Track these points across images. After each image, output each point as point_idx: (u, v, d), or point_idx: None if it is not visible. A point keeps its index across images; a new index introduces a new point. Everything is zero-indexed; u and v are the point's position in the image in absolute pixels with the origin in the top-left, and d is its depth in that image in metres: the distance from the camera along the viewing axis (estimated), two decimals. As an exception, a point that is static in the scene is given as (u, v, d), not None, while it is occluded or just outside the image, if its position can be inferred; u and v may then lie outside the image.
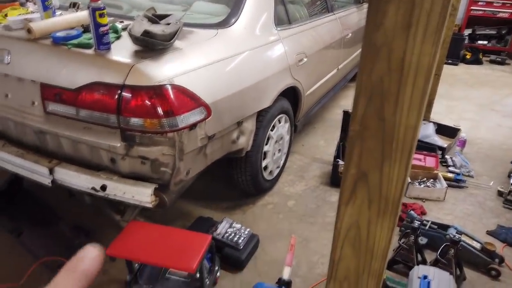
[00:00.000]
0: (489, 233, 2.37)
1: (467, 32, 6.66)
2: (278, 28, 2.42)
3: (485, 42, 6.63)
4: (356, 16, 3.90)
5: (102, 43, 1.63)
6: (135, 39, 1.64)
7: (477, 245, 2.15)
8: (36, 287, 1.86)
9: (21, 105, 1.89)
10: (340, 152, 2.86)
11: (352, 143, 0.90)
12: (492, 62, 6.41)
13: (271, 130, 2.46)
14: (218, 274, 1.92)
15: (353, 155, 0.92)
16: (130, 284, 1.77)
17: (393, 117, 0.82)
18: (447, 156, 3.18)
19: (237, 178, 2.44)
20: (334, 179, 2.77)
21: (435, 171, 2.82)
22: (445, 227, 2.24)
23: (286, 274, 1.50)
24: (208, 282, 1.79)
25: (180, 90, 1.66)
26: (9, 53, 1.81)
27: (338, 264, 1.10)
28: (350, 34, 3.61)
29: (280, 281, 1.48)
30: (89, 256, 0.32)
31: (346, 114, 2.89)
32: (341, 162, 2.73)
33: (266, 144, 2.44)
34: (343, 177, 0.96)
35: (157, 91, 1.59)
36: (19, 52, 1.81)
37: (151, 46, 1.67)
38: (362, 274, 1.08)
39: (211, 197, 2.61)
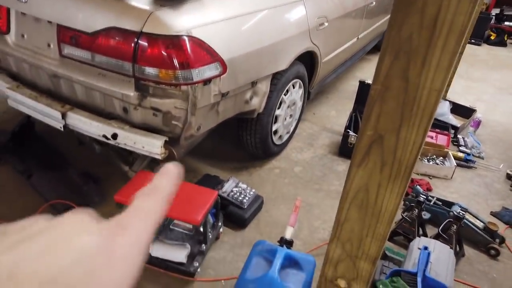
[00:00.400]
0: (493, 214, 2.37)
1: (494, 11, 6.41)
2: (301, -11, 2.34)
3: (512, 24, 6.40)
4: (381, -15, 3.76)
5: (122, -13, 1.59)
6: (155, -15, 1.60)
7: (480, 224, 2.15)
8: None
9: (36, 47, 1.88)
10: (352, 123, 2.84)
11: (372, 104, 0.88)
12: (517, 45, 6.21)
13: (285, 95, 2.43)
14: (221, 230, 1.96)
15: (371, 116, 0.90)
16: (135, 232, 1.82)
17: (418, 79, 0.79)
18: (459, 136, 3.14)
19: (246, 139, 2.43)
20: (343, 149, 2.76)
21: (446, 150, 2.80)
22: (450, 204, 2.24)
23: (288, 233, 1.52)
24: (210, 237, 1.83)
25: (197, 43, 1.63)
26: (27, -9, 1.77)
27: (343, 226, 1.10)
28: (374, 3, 3.49)
29: (282, 240, 1.50)
30: (169, 175, 0.32)
31: (362, 84, 2.84)
32: (351, 133, 2.71)
33: (278, 108, 2.42)
34: (358, 139, 0.95)
35: (174, 42, 1.57)
36: (37, -10, 1.77)
37: (171, -6, 1.63)
38: (365, 237, 1.08)
39: (219, 157, 2.62)
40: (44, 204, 1.99)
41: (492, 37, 6.09)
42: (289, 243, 1.51)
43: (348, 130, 2.74)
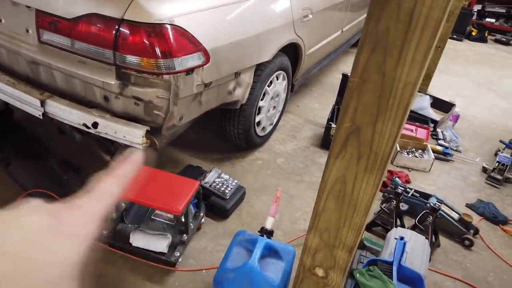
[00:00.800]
0: (468, 206, 2.44)
1: (476, 8, 6.52)
2: (286, -20, 2.33)
3: (493, 21, 6.52)
4: (366, -22, 3.78)
5: (102, -27, 1.56)
6: (137, -28, 1.57)
7: (455, 216, 2.22)
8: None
9: (14, 32, 1.83)
10: (334, 115, 2.86)
11: (350, 96, 0.90)
12: (497, 41, 6.34)
13: (268, 86, 2.43)
14: (202, 220, 1.97)
15: (349, 109, 0.92)
16: (115, 222, 1.81)
17: (394, 72, 0.81)
18: (438, 130, 3.21)
19: (229, 130, 2.44)
20: (325, 142, 2.80)
21: (425, 143, 2.86)
22: (427, 196, 2.30)
23: (269, 224, 1.54)
24: (192, 227, 1.84)
25: (180, 32, 1.61)
26: (4, -26, 1.72)
27: (321, 215, 1.13)
28: (358, -3, 3.51)
29: (262, 230, 1.52)
30: (130, 160, 0.32)
31: (345, 77, 2.86)
32: (333, 125, 2.74)
33: (262, 100, 2.43)
34: (335, 131, 0.96)
35: (156, 30, 1.55)
36: (14, -26, 1.72)
37: (153, -19, 1.60)
38: (342, 226, 1.11)
39: (201, 147, 2.62)
40: (22, 194, 1.96)
41: (474, 33, 6.20)
42: (269, 233, 1.53)
43: (331, 123, 2.77)
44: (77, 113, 1.77)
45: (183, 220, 1.74)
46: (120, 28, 1.54)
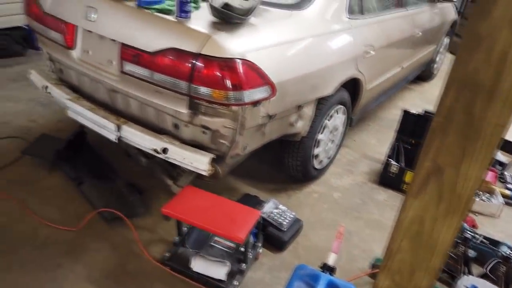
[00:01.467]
0: (544, 257, 2.23)
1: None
2: (350, 17, 2.38)
3: None
4: (428, 15, 3.75)
5: (183, 11, 1.69)
6: (214, 10, 1.69)
7: (530, 268, 2.04)
8: (90, 234, 2.01)
9: (99, 63, 2.00)
10: (394, 152, 2.80)
11: (432, 136, 0.89)
12: None
13: (328, 120, 2.44)
14: (260, 250, 1.97)
15: (430, 148, 0.91)
16: (177, 245, 1.86)
17: (483, 114, 0.80)
18: (506, 173, 3.01)
19: (287, 162, 2.45)
20: (384, 178, 2.72)
21: (493, 186, 2.69)
22: (497, 244, 2.14)
23: (331, 260, 1.51)
24: (250, 256, 1.84)
25: (250, 66, 1.69)
26: (96, 11, 1.91)
27: (395, 256, 1.09)
28: (420, 33, 3.48)
29: (325, 266, 1.49)
30: None
31: (406, 114, 2.81)
32: (393, 162, 2.67)
33: (321, 133, 2.43)
34: (416, 169, 0.95)
35: (229, 64, 1.63)
36: (105, 11, 1.91)
37: (228, 18, 1.71)
38: (417, 269, 1.06)
39: (258, 177, 2.65)
40: (93, 212, 2.08)
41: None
42: (331, 270, 1.49)
43: (390, 159, 2.70)
44: (149, 138, 1.87)
45: (242, 249, 1.75)
46: (196, 62, 1.64)
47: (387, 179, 2.69)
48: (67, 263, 1.85)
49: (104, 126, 1.97)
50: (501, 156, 3.13)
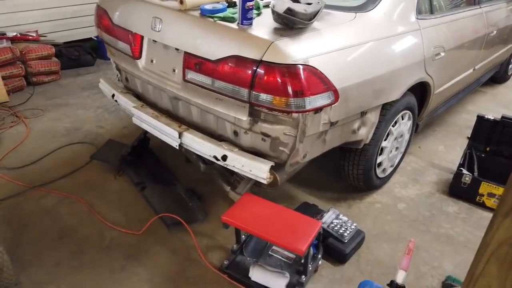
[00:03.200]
0: None
1: None
2: (419, 17, 2.24)
3: None
4: (504, 12, 3.44)
5: (246, 18, 1.68)
6: (277, 16, 1.66)
7: None
8: (152, 238, 2.06)
9: (163, 71, 2.06)
10: (466, 160, 2.59)
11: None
12: None
13: (393, 126, 2.31)
14: (320, 262, 1.90)
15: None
16: (235, 253, 1.85)
17: None
18: None
19: (348, 170, 2.36)
20: (454, 189, 2.52)
21: None
22: None
23: (400, 278, 1.40)
24: (310, 268, 1.78)
25: (313, 72, 1.63)
26: (161, 21, 1.97)
27: (477, 280, 0.98)
28: (495, 32, 3.20)
29: (393, 284, 1.39)
30: None
31: (480, 120, 2.58)
32: (465, 172, 2.46)
33: (385, 140, 2.31)
34: (508, 184, 0.84)
35: (291, 70, 1.59)
36: (170, 21, 1.96)
37: (291, 24, 1.67)
38: (506, 297, 0.94)
39: (317, 185, 2.58)
40: (155, 216, 2.13)
41: None
42: (399, 289, 1.39)
43: (462, 169, 2.49)
44: (209, 145, 1.89)
45: (302, 261, 1.70)
46: (258, 69, 1.62)
47: (458, 190, 2.49)
48: (131, 266, 1.91)
49: (167, 133, 2.02)
50: None
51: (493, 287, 0.97)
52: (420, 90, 2.48)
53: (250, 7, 1.67)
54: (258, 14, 1.85)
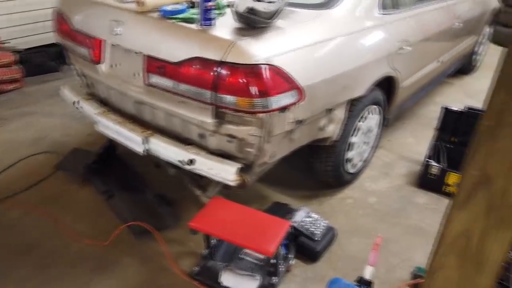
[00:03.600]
0: None
1: None
2: (382, 12, 2.25)
3: None
4: (467, 5, 3.53)
5: (207, 19, 1.65)
6: (238, 15, 1.63)
7: None
8: (121, 249, 2.01)
9: (125, 75, 2.01)
10: (435, 152, 2.63)
11: (480, 141, 0.79)
12: None
13: (361, 121, 2.33)
14: (291, 262, 1.89)
15: (477, 155, 0.81)
16: (206, 259, 1.82)
17: (540, 115, 0.69)
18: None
19: (318, 167, 2.36)
20: (423, 181, 2.56)
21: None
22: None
23: (368, 273, 1.41)
24: (281, 269, 1.77)
25: (277, 71, 1.62)
26: (120, 24, 1.91)
27: (437, 272, 0.99)
28: (459, 24, 3.27)
29: (361, 281, 1.40)
30: None
31: (446, 111, 2.63)
32: (433, 163, 2.51)
33: (354, 135, 2.32)
34: (461, 178, 0.85)
35: (254, 70, 1.57)
36: (129, 24, 1.90)
37: (253, 23, 1.65)
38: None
39: (288, 184, 2.57)
40: (122, 225, 2.07)
41: None
42: (368, 284, 1.40)
43: (430, 160, 2.54)
44: (175, 150, 1.85)
45: (273, 261, 1.68)
46: (220, 70, 1.59)
47: (427, 181, 2.54)
48: (99, 279, 1.85)
49: (132, 139, 1.97)
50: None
51: (452, 278, 0.98)
52: (387, 85, 2.51)
53: (211, 7, 1.64)
54: (220, 14, 1.82)
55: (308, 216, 2.10)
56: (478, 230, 0.86)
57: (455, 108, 2.69)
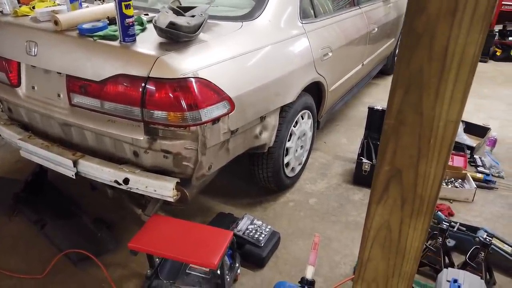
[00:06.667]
0: (521, 237, 2.26)
1: (497, 28, 6.41)
2: (303, 22, 2.37)
3: (517, 39, 6.36)
4: (382, 11, 3.80)
5: (128, 35, 1.62)
6: (160, 30, 1.63)
7: (508, 249, 2.05)
8: (58, 280, 1.89)
9: (47, 97, 1.91)
10: (364, 150, 2.79)
11: (386, 139, 0.86)
12: (524, 59, 6.14)
13: (294, 126, 2.41)
14: (238, 271, 1.90)
15: (387, 152, 0.88)
16: (150, 279, 1.77)
17: (432, 111, 0.77)
18: (476, 156, 3.06)
19: (258, 174, 2.40)
20: (357, 178, 2.71)
21: (464, 171, 2.72)
22: (474, 229, 2.15)
23: (309, 273, 1.46)
24: (228, 279, 1.77)
25: (204, 83, 1.63)
26: (36, 45, 1.82)
27: (367, 265, 1.05)
28: (376, 29, 3.52)
29: (303, 281, 1.44)
30: None
31: (371, 111, 2.81)
32: (365, 160, 2.66)
33: (289, 140, 2.40)
34: (375, 175, 0.91)
35: (181, 84, 1.57)
36: (46, 44, 1.82)
37: (176, 38, 1.65)
38: (391, 276, 1.03)
39: (231, 193, 2.59)
40: (58, 255, 1.96)
41: (498, 53, 6.06)
42: (310, 284, 1.44)
43: (361, 158, 2.69)
44: (108, 170, 1.79)
45: (218, 273, 1.68)
46: (147, 86, 1.57)
47: (360, 178, 2.68)
48: (35, 314, 1.73)
49: (60, 163, 1.87)
50: (468, 140, 3.17)
51: (381, 268, 1.04)
52: (316, 89, 2.63)
53: (131, 24, 1.62)
54: (142, 30, 1.80)
55: (252, 223, 2.13)
56: (396, 222, 0.92)
57: (378, 107, 2.88)
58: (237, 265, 1.87)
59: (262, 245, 2.00)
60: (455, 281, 1.46)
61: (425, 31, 0.71)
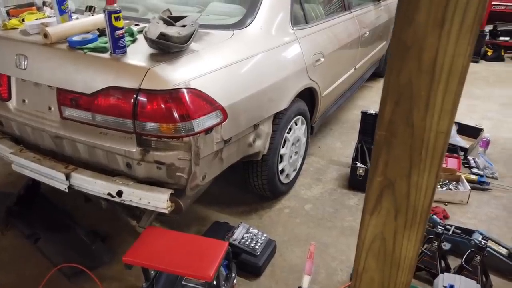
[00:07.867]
0: (517, 238, 2.27)
1: (487, 28, 6.47)
2: (295, 28, 2.37)
3: (507, 38, 6.43)
4: (373, 14, 3.82)
5: (118, 47, 1.61)
6: (150, 41, 1.62)
7: (504, 251, 2.06)
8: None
9: (38, 111, 1.89)
10: (358, 154, 2.80)
11: (378, 150, 0.86)
12: (514, 59, 6.21)
13: (288, 133, 2.41)
14: (234, 281, 1.88)
15: (379, 163, 0.87)
16: (146, 291, 1.75)
17: (423, 123, 0.77)
18: (469, 157, 3.07)
19: (253, 182, 2.40)
20: (352, 182, 2.71)
21: (458, 173, 2.73)
22: (470, 232, 2.15)
23: (305, 283, 1.45)
24: (225, 289, 1.76)
25: (196, 94, 1.63)
26: (26, 58, 1.81)
27: (362, 276, 1.05)
28: (368, 33, 3.53)
29: (300, 290, 1.43)
30: None
31: (364, 115, 2.82)
32: (359, 165, 2.67)
33: (283, 147, 2.40)
34: (367, 185, 0.91)
35: (173, 95, 1.57)
36: (36, 57, 1.81)
37: (167, 48, 1.65)
38: (387, 287, 1.02)
39: (227, 202, 2.58)
40: (52, 269, 1.93)
41: (489, 53, 6.12)
42: (307, 293, 1.44)
43: (356, 162, 2.69)
44: (102, 183, 1.77)
45: (214, 284, 1.67)
46: (138, 98, 1.57)
47: (355, 182, 2.68)
48: (29, 331, 1.70)
49: (53, 177, 1.85)
50: (461, 141, 3.19)
51: (376, 280, 1.04)
52: (309, 95, 2.63)
53: (121, 35, 1.61)
54: (133, 41, 1.80)
55: (247, 232, 2.12)
56: (390, 232, 0.92)
57: (371, 111, 2.89)
58: (233, 275, 1.85)
59: (258, 253, 1.99)
60: (451, 286, 1.46)
61: (413, 43, 0.71)
